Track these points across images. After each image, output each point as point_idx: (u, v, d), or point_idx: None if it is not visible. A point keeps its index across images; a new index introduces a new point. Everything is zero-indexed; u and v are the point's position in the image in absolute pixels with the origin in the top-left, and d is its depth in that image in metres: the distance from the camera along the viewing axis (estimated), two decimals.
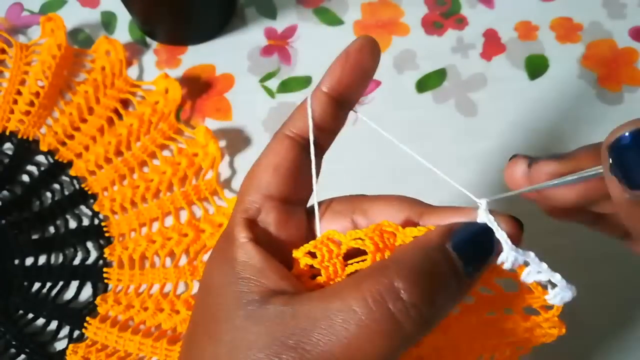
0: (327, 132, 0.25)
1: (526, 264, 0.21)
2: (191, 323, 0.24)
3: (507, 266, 0.21)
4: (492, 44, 0.50)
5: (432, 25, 0.51)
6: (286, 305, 0.20)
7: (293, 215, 0.24)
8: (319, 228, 0.24)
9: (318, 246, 0.22)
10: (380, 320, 0.19)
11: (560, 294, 0.21)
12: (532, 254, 0.21)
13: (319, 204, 0.25)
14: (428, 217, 0.23)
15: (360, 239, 0.22)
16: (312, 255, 0.23)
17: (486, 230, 0.21)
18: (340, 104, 0.25)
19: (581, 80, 0.48)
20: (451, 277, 0.20)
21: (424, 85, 0.48)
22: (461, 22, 0.51)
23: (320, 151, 0.25)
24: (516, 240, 0.22)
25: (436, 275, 0.20)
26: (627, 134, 0.19)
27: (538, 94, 0.48)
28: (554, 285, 0.21)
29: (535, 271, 0.21)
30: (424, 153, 0.24)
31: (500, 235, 0.21)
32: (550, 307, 0.22)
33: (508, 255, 0.21)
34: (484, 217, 0.21)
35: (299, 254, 0.23)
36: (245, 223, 0.23)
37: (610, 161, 0.19)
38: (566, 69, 0.49)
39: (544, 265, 0.21)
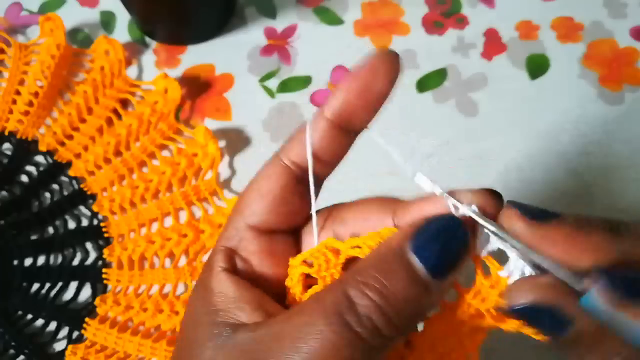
0: (327, 161, 0.23)
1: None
2: (173, 354, 0.23)
3: (512, 274, 0.19)
4: (493, 44, 0.50)
5: (433, 25, 0.51)
6: (253, 332, 0.20)
7: (278, 244, 0.23)
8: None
9: (315, 254, 0.22)
10: (340, 332, 0.18)
11: None
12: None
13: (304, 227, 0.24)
14: (401, 215, 0.21)
15: (357, 246, 0.21)
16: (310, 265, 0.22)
17: (454, 224, 0.19)
18: (345, 131, 0.22)
19: (582, 80, 0.48)
20: (410, 286, 0.18)
21: (424, 85, 0.48)
22: (462, 22, 0.51)
23: (318, 181, 0.23)
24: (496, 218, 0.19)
25: (393, 287, 0.18)
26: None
27: (539, 94, 0.48)
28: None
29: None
30: (423, 153, 0.24)
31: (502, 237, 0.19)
32: None
33: (515, 264, 0.19)
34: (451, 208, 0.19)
35: (295, 262, 0.22)
36: (224, 252, 0.23)
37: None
38: (567, 68, 0.49)
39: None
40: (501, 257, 0.20)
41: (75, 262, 0.42)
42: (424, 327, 0.22)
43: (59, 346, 0.39)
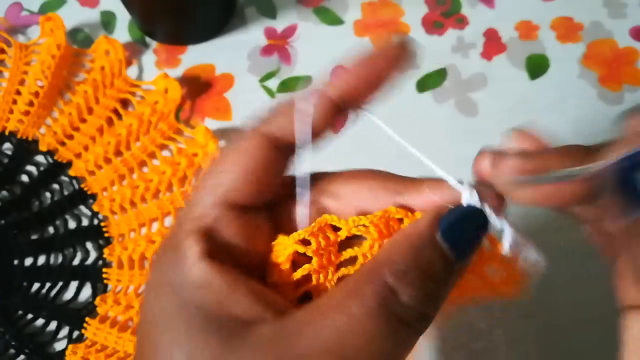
0: (314, 136, 0.22)
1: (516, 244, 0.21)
2: None
3: (506, 249, 0.21)
4: (493, 44, 0.50)
5: (433, 25, 0.51)
6: (277, 330, 0.18)
7: (255, 223, 0.21)
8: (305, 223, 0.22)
9: (315, 232, 0.21)
10: (388, 323, 0.18)
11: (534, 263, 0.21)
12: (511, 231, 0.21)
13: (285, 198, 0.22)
14: (410, 196, 0.22)
15: (363, 225, 0.21)
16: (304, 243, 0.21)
17: (474, 212, 0.21)
18: (342, 109, 0.22)
19: (582, 80, 0.48)
20: (445, 269, 0.19)
21: (424, 85, 0.48)
22: (461, 22, 0.51)
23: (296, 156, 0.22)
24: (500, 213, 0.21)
25: (431, 272, 0.19)
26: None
27: (538, 94, 0.48)
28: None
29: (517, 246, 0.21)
30: (423, 153, 0.24)
31: (502, 224, 0.21)
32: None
33: (508, 240, 0.21)
34: (469, 199, 0.21)
35: (288, 240, 0.21)
36: (199, 235, 0.19)
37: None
38: (567, 68, 0.49)
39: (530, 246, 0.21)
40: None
41: (76, 261, 0.42)
42: None
43: (59, 346, 0.39)
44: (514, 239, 0.21)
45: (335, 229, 0.21)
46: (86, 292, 0.41)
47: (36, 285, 0.41)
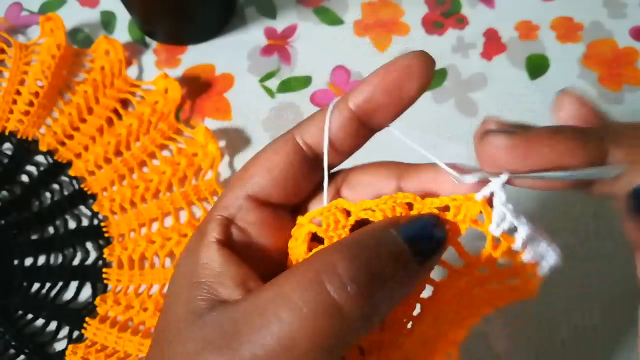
0: (340, 151, 0.22)
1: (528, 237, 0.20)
2: (156, 324, 0.22)
3: (518, 244, 0.20)
4: (493, 44, 0.50)
5: (433, 25, 0.51)
6: (229, 309, 0.19)
7: (278, 218, 0.22)
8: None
9: (325, 214, 0.21)
10: (317, 301, 0.17)
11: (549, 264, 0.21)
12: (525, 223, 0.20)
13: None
14: (408, 180, 0.22)
15: (370, 209, 0.21)
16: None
17: (436, 221, 0.20)
18: (364, 124, 0.22)
19: (582, 80, 0.48)
20: (396, 260, 0.19)
21: None
22: (461, 22, 0.51)
23: (328, 169, 0.23)
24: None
25: (378, 253, 0.19)
26: None
27: (538, 94, 0.48)
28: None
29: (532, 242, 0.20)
30: (423, 153, 0.24)
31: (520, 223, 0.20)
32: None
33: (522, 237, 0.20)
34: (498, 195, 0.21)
35: (303, 220, 0.22)
36: (220, 221, 0.22)
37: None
38: (567, 68, 0.49)
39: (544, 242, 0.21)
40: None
41: (76, 261, 0.42)
42: (433, 293, 0.22)
43: (59, 346, 0.39)
44: (528, 233, 0.20)
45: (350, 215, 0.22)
46: (86, 292, 0.41)
47: (36, 285, 0.41)
